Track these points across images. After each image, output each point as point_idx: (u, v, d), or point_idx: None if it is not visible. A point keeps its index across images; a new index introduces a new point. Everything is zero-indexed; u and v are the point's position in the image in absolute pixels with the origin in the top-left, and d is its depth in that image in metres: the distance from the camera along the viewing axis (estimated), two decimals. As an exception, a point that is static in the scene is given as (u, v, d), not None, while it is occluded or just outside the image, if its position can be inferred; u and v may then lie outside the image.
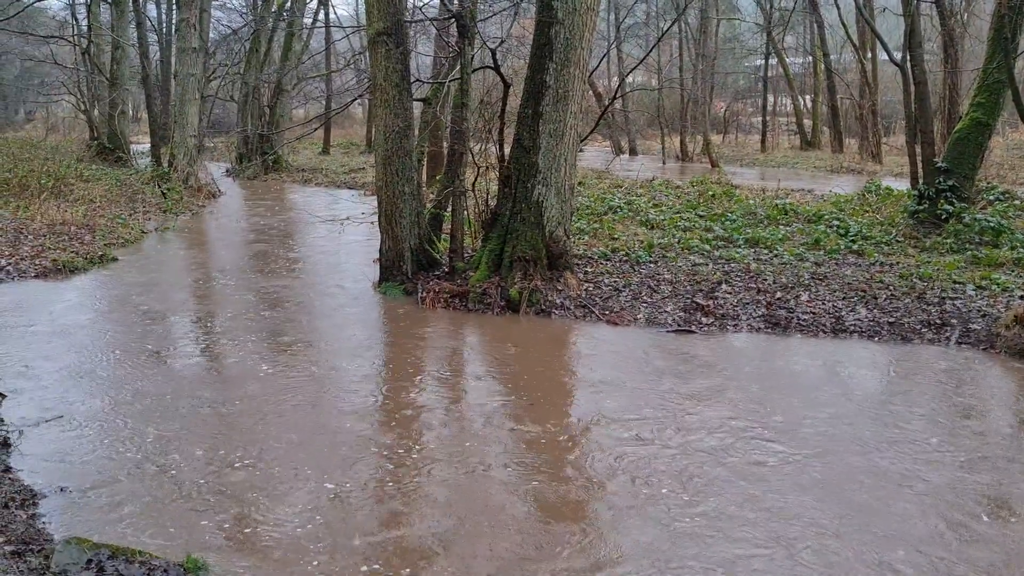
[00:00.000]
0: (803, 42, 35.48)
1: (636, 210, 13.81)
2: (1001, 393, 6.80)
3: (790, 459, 5.17)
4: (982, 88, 12.26)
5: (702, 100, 28.76)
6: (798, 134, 32.60)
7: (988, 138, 12.68)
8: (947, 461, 5.18)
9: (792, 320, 8.40)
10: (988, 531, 4.32)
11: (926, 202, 12.18)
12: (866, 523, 4.35)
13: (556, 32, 9.11)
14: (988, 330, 7.94)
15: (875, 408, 6.12)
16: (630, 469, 4.99)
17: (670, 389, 6.48)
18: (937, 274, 9.65)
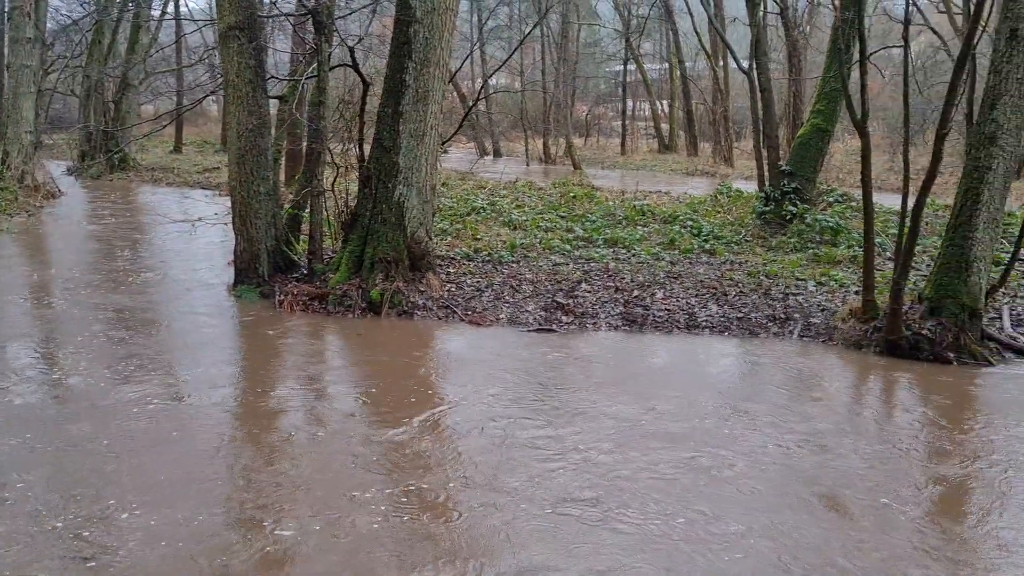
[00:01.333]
0: (660, 49, 36.73)
1: (499, 211, 13.88)
2: (838, 380, 7.18)
3: (654, 448, 5.28)
4: (821, 96, 13.00)
5: (564, 103, 29.29)
6: (656, 138, 33.72)
7: (827, 143, 13.46)
8: (786, 440, 5.42)
9: (648, 317, 8.62)
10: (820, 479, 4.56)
11: (772, 203, 12.80)
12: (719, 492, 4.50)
13: (415, 31, 9.03)
14: (827, 323, 8.40)
15: (725, 394, 6.36)
16: (494, 467, 4.97)
17: (531, 386, 6.51)
18: (782, 272, 10.14)
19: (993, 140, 7.53)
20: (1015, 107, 7.49)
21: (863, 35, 7.97)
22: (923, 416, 6.28)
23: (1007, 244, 10.83)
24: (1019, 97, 7.49)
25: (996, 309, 8.82)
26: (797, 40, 23.21)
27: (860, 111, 8.07)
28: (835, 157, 22.50)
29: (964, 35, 7.37)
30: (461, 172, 21.54)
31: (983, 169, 7.59)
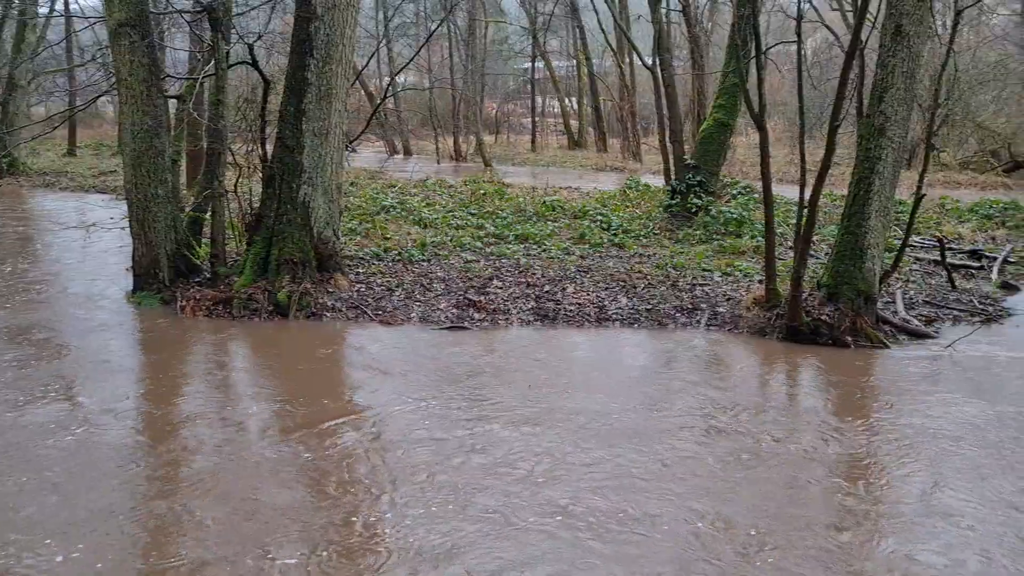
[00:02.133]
0: (567, 46, 37.05)
1: (409, 209, 13.78)
2: (744, 366, 7.36)
3: (571, 436, 5.31)
4: (722, 91, 13.33)
5: (473, 101, 29.25)
6: (565, 134, 34.00)
7: (730, 137, 13.81)
8: (698, 424, 5.53)
9: (560, 312, 8.68)
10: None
11: (678, 197, 13.06)
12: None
13: (316, 28, 8.87)
14: (733, 312, 8.61)
15: (640, 383, 6.44)
16: (412, 467, 4.92)
17: (444, 384, 6.47)
18: (688, 263, 10.36)
19: (882, 132, 7.84)
20: (901, 100, 7.82)
21: (758, 32, 8.19)
22: (823, 396, 6.50)
23: (899, 231, 11.30)
24: (905, 90, 7.82)
25: (890, 294, 9.20)
26: (699, 37, 23.70)
27: (758, 106, 8.28)
28: (738, 151, 23.12)
29: (853, 30, 7.65)
30: (371, 171, 21.29)
31: (874, 160, 7.89)
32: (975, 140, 25.36)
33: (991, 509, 4.52)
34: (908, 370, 7.17)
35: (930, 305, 9.17)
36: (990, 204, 15.39)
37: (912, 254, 11.48)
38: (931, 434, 5.64)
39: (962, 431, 5.69)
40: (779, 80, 28.85)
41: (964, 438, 5.56)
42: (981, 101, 25.80)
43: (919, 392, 6.58)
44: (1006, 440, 5.51)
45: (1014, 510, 4.50)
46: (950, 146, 25.62)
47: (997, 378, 6.95)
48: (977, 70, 25.55)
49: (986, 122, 25.31)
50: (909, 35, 7.75)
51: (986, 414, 5.99)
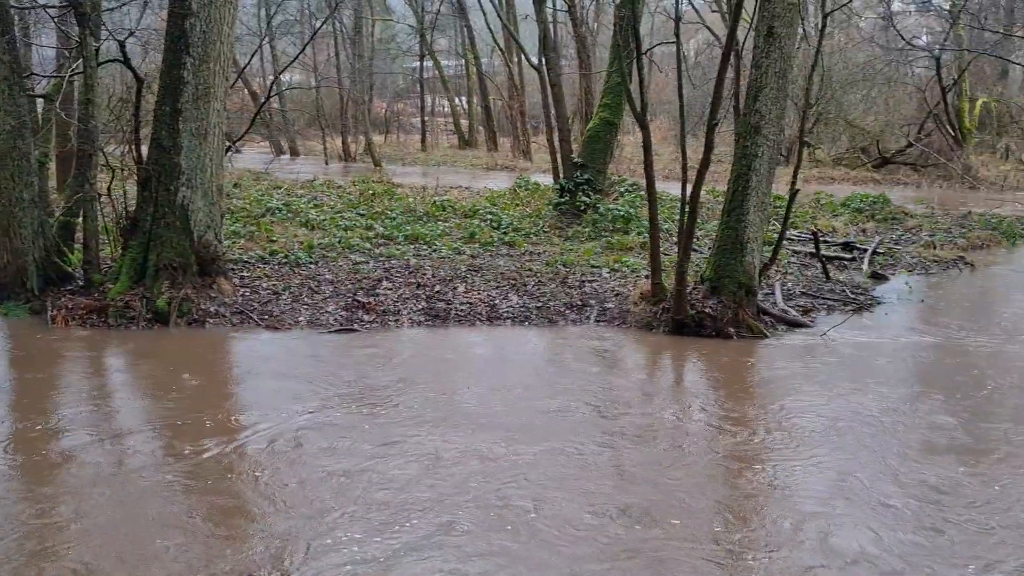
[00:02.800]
0: (455, 45, 37.04)
1: (296, 211, 13.48)
2: (632, 359, 7.51)
3: (470, 435, 5.28)
4: (607, 91, 13.56)
5: (362, 100, 28.89)
6: (456, 133, 33.98)
7: (616, 135, 14.08)
8: (590, 418, 5.60)
9: (451, 311, 8.65)
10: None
11: (567, 195, 13.22)
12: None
13: (192, 25, 8.56)
14: (621, 308, 8.77)
15: (533, 378, 6.48)
16: (302, 479, 4.80)
17: (334, 388, 6.35)
18: (578, 260, 10.50)
19: (758, 130, 8.13)
20: (775, 99, 8.12)
21: (637, 33, 8.37)
22: (709, 386, 6.71)
23: (777, 225, 11.72)
24: (778, 90, 8.13)
25: (769, 286, 9.55)
26: (585, 37, 24.06)
27: (640, 105, 8.46)
28: (626, 149, 23.57)
29: (728, 32, 7.90)
30: (255, 172, 20.74)
31: (751, 157, 8.17)
32: (847, 137, 26.65)
33: (870, 477, 4.74)
34: (787, 358, 7.47)
35: (807, 296, 9.57)
36: (861, 198, 16.19)
37: (790, 247, 11.95)
38: (808, 414, 5.88)
39: (837, 410, 5.96)
40: (664, 79, 29.57)
41: (840, 416, 5.82)
42: (851, 100, 27.13)
43: (797, 378, 6.86)
44: (877, 415, 5.78)
45: (890, 475, 4.73)
46: (824, 143, 26.85)
47: (867, 362, 7.30)
48: (847, 71, 26.86)
49: (856, 120, 26.63)
50: (781, 37, 8.05)
51: (858, 394, 6.30)
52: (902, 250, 12.38)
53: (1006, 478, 4.86)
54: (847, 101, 26.86)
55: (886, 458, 5.14)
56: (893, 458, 5.14)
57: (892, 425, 5.70)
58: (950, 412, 5.96)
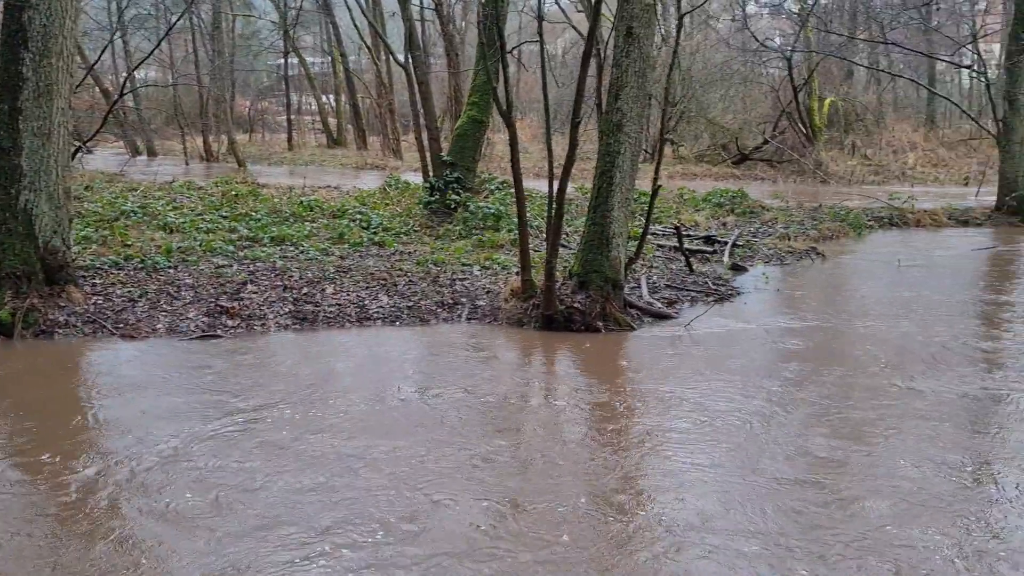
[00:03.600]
0: (321, 42, 36.31)
1: (153, 214, 12.88)
2: (505, 355, 7.54)
3: (347, 439, 5.15)
4: (475, 89, 13.59)
5: (223, 98, 27.91)
6: (324, 132, 33.34)
7: (484, 133, 14.13)
8: (465, 415, 5.58)
9: (319, 313, 8.46)
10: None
11: (437, 193, 13.18)
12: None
13: (30, 18, 8.02)
14: (492, 305, 8.80)
15: (407, 380, 6.40)
16: (169, 499, 4.56)
17: (198, 397, 6.09)
18: (448, 259, 10.47)
19: (620, 127, 8.31)
20: (635, 97, 8.31)
21: (501, 31, 8.40)
22: (579, 378, 6.80)
23: (642, 220, 12.03)
24: (639, 88, 8.32)
25: (635, 279, 9.78)
26: (453, 35, 24.07)
27: (506, 103, 8.50)
28: (497, 147, 23.72)
29: (587, 32, 8.04)
30: (109, 174, 19.71)
31: (614, 154, 8.34)
32: (708, 135, 27.72)
33: (730, 458, 4.91)
34: (653, 348, 7.67)
35: (671, 288, 9.86)
36: (721, 193, 16.85)
37: (655, 241, 12.30)
38: (672, 401, 6.06)
39: (700, 395, 6.17)
40: (533, 78, 29.93)
41: (702, 402, 6.01)
42: (711, 99, 28.25)
43: (662, 367, 7.06)
44: (737, 399, 6.01)
45: (751, 457, 4.92)
46: (687, 141, 27.83)
47: (727, 349, 7.60)
48: (706, 71, 27.94)
49: (716, 118, 27.74)
50: (639, 37, 8.26)
51: (719, 380, 6.53)
52: (759, 242, 12.94)
53: (861, 448, 5.14)
54: (707, 100, 27.96)
55: (749, 435, 5.35)
56: (754, 434, 5.35)
57: (751, 406, 5.94)
58: (805, 390, 6.26)
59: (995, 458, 5.13)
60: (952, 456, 5.10)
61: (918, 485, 4.69)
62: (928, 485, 4.69)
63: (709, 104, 27.93)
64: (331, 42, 31.75)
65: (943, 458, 5.06)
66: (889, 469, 4.92)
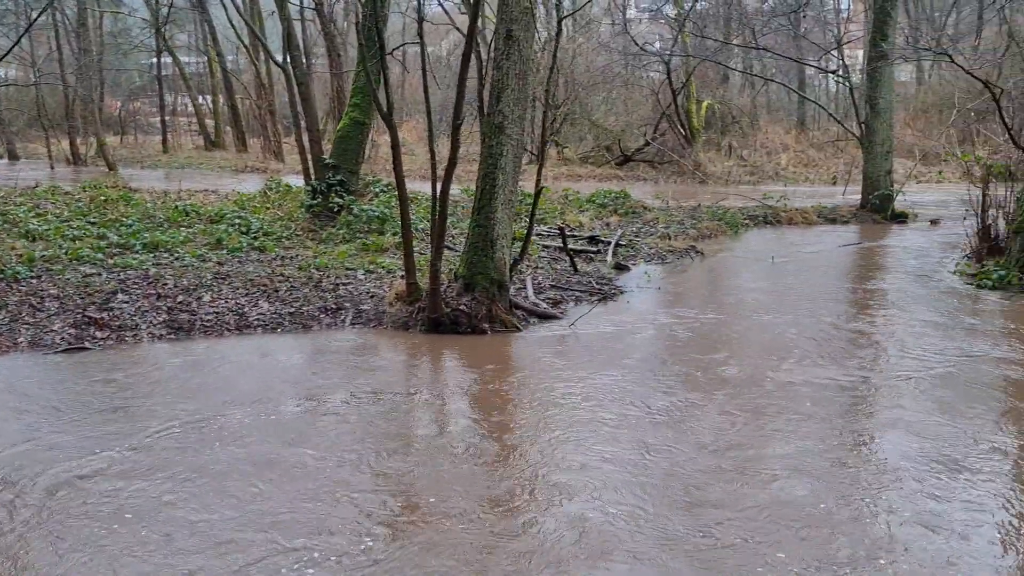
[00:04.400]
0: (196, 41, 35.07)
1: (14, 221, 12.14)
2: (390, 359, 7.43)
3: (224, 450, 4.94)
4: (356, 90, 13.38)
5: (90, 98, 26.58)
6: (201, 134, 32.22)
7: (367, 135, 13.94)
8: (357, 417, 5.46)
9: (196, 322, 8.15)
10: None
11: (319, 196, 12.91)
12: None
13: None
14: (377, 309, 8.67)
15: (294, 387, 6.21)
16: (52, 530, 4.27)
17: (70, 418, 5.74)
18: (332, 263, 10.27)
19: (502, 129, 8.32)
20: (517, 100, 8.35)
21: (380, 32, 8.28)
22: (466, 380, 6.77)
23: (525, 221, 12.11)
24: (519, 91, 8.36)
25: (521, 280, 9.83)
26: (334, 35, 23.68)
27: (386, 105, 8.39)
28: (382, 149, 23.43)
29: (467, 34, 8.02)
30: (-34, 179, 18.51)
31: (496, 156, 8.35)
32: (592, 137, 28.17)
33: (617, 452, 4.97)
34: (539, 349, 7.72)
35: (556, 288, 9.95)
36: (605, 194, 17.14)
37: (540, 242, 12.40)
38: (558, 400, 6.11)
39: (585, 393, 6.25)
40: (420, 79, 29.75)
41: (588, 400, 6.08)
42: (594, 102, 28.74)
43: (548, 367, 7.10)
44: (621, 395, 6.11)
45: (636, 449, 5.00)
46: (571, 142, 28.21)
47: (612, 347, 7.72)
48: (589, 74, 28.41)
49: (600, 120, 28.24)
50: (519, 40, 8.29)
51: (604, 377, 6.63)
52: (642, 242, 13.23)
53: (733, 427, 5.30)
54: (591, 102, 28.44)
55: (635, 429, 5.44)
56: (640, 428, 5.45)
57: (637, 401, 6.04)
58: (688, 383, 6.42)
59: (856, 431, 5.38)
60: (826, 435, 5.32)
61: (799, 463, 4.88)
62: (807, 467, 4.88)
63: (592, 106, 28.41)
64: (206, 41, 30.68)
65: (821, 436, 5.27)
66: (776, 451, 5.10)
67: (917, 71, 35.01)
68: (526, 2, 8.24)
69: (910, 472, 4.86)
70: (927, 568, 3.86)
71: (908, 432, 5.52)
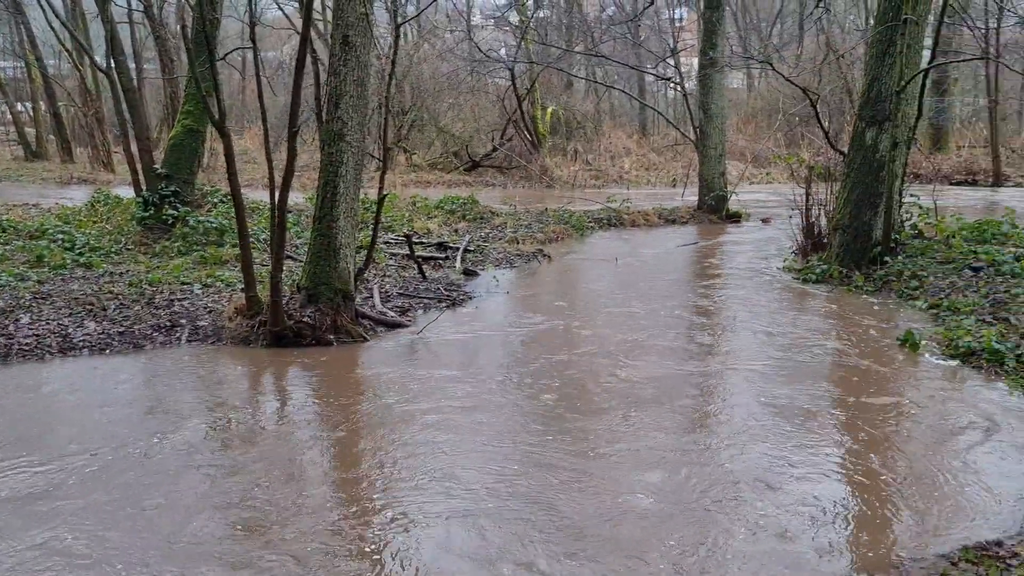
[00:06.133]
0: (12, 44, 32.62)
1: None
2: (228, 376, 7.11)
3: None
4: (189, 96, 12.80)
5: None
6: (20, 143, 29.97)
7: (202, 143, 13.37)
8: (194, 438, 5.18)
9: (12, 347, 7.55)
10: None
11: (152, 208, 12.26)
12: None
13: None
14: (215, 324, 8.30)
15: (129, 412, 5.82)
16: None
17: None
18: (166, 278, 9.76)
19: (341, 136, 8.15)
20: (356, 106, 8.20)
21: (209, 36, 7.95)
22: (310, 394, 6.58)
23: (369, 229, 11.95)
24: (358, 97, 8.22)
25: (368, 289, 9.67)
26: (167, 39, 22.64)
27: (218, 112, 8.04)
28: (222, 157, 22.50)
29: (300, 39, 7.81)
30: None
31: (337, 163, 8.18)
32: (440, 143, 28.13)
33: (468, 462, 4.94)
34: (385, 358, 7.59)
35: (404, 296, 9.84)
36: (453, 200, 17.14)
37: (388, 250, 12.25)
38: (404, 408, 6.01)
39: (432, 401, 6.19)
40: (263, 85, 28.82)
41: (434, 408, 6.02)
42: (442, 108, 28.74)
43: (394, 376, 6.98)
44: (469, 402, 6.08)
45: (484, 458, 4.98)
46: (419, 148, 28.08)
47: (460, 353, 7.70)
48: (435, 80, 28.39)
49: (447, 126, 28.25)
50: (356, 45, 8.15)
51: (451, 384, 6.60)
52: (490, 247, 13.30)
53: (596, 436, 5.37)
54: (438, 108, 28.41)
55: (482, 436, 5.42)
56: (487, 434, 5.44)
57: (485, 403, 6.04)
58: (536, 386, 6.47)
59: (696, 416, 5.59)
60: (666, 420, 5.49)
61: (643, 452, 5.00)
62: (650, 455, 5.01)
63: (440, 112, 28.40)
64: (24, 45, 28.60)
65: (661, 424, 5.43)
66: (627, 445, 5.20)
67: (747, 78, 37.00)
68: (362, 8, 8.11)
69: (746, 452, 5.09)
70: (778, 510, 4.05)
71: (744, 412, 5.79)
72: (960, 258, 10.09)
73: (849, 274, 10.47)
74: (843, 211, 10.89)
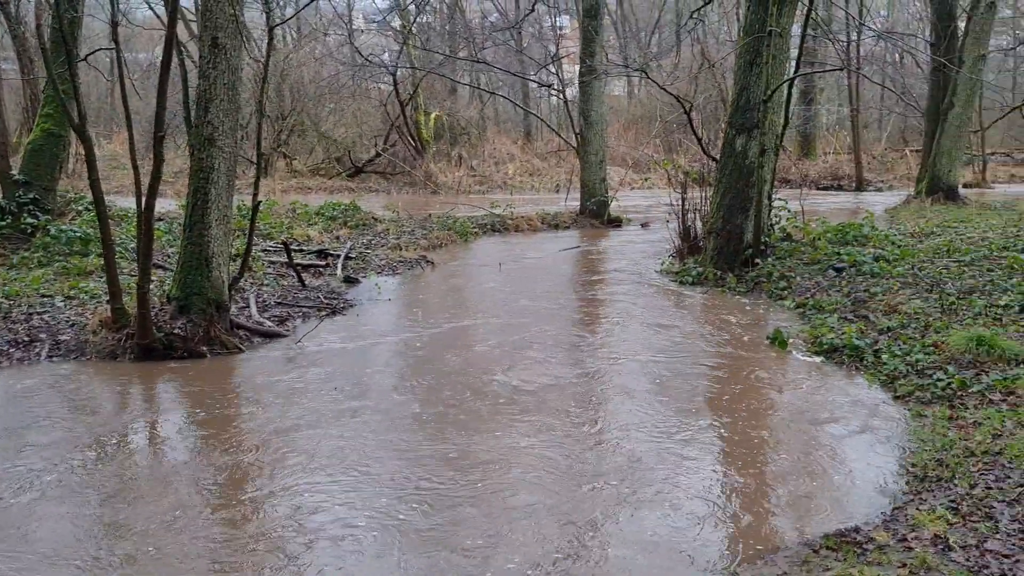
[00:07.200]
0: None
1: None
2: (92, 393, 6.76)
3: None
4: (48, 99, 12.15)
5: None
6: None
7: (64, 148, 12.70)
8: (59, 463, 4.88)
9: None
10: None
11: (8, 217, 11.56)
12: None
13: None
14: (78, 339, 7.89)
15: None
16: None
17: None
18: (24, 290, 9.22)
19: (212, 141, 7.90)
20: (227, 110, 7.96)
21: (67, 36, 7.56)
22: (181, 410, 6.32)
23: (244, 237, 11.62)
24: (229, 101, 7.98)
25: (244, 299, 9.39)
26: (25, 38, 21.44)
27: (78, 115, 7.66)
28: (80, 164, 21.49)
29: (165, 40, 7.53)
30: None
31: (207, 169, 7.92)
32: (322, 148, 27.65)
33: (345, 477, 4.84)
34: (261, 369, 7.38)
35: (282, 305, 9.61)
36: (334, 206, 16.84)
37: (267, 258, 11.93)
38: (278, 420, 5.86)
39: (308, 413, 6.05)
40: (129, 88, 27.64)
41: (309, 421, 5.88)
42: (323, 112, 28.24)
43: (270, 387, 6.79)
44: (346, 412, 5.98)
45: (363, 465, 4.89)
46: (300, 154, 27.52)
47: (338, 363, 7.56)
48: (316, 84, 27.89)
49: (329, 132, 27.79)
50: (226, 48, 7.91)
51: (328, 396, 6.46)
52: (372, 253, 13.14)
53: (480, 441, 5.36)
54: (319, 113, 27.91)
55: (359, 448, 5.33)
56: (365, 444, 5.35)
57: (363, 413, 5.95)
58: (416, 396, 6.41)
59: (580, 414, 5.67)
60: (550, 422, 5.53)
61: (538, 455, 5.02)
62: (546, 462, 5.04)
63: (321, 117, 27.91)
64: None
65: (543, 426, 5.47)
66: (513, 446, 5.21)
67: (628, 85, 37.92)
68: (231, 9, 7.88)
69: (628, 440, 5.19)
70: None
71: (625, 409, 5.91)
72: (825, 259, 10.61)
73: (723, 276, 10.84)
74: (716, 215, 11.28)
